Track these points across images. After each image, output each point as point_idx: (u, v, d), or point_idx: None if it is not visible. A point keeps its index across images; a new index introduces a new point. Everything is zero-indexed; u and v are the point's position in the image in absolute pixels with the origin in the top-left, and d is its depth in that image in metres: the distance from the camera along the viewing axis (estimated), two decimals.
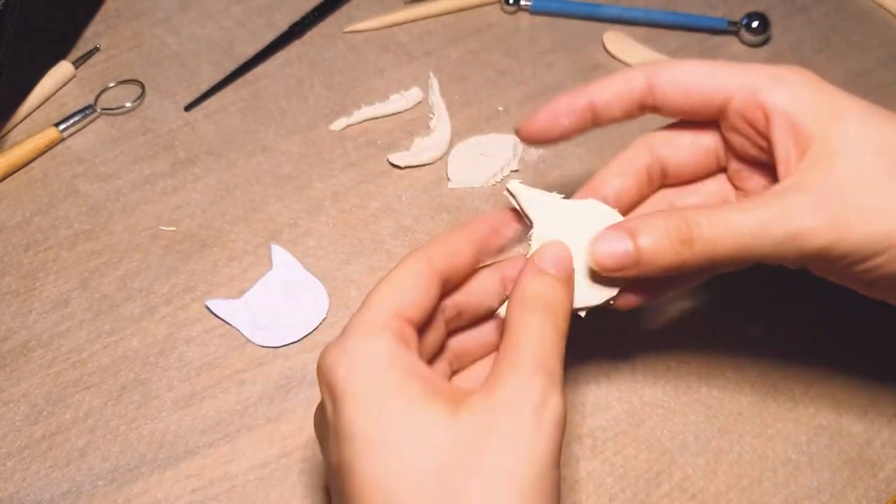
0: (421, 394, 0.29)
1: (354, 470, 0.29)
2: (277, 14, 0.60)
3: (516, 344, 0.31)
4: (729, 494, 0.41)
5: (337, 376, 0.30)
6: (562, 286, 0.33)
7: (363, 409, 0.29)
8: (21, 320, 0.46)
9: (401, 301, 0.32)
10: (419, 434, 0.29)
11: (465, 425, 0.29)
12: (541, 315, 0.32)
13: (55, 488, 0.41)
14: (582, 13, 0.61)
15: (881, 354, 0.46)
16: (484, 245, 0.36)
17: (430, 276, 0.33)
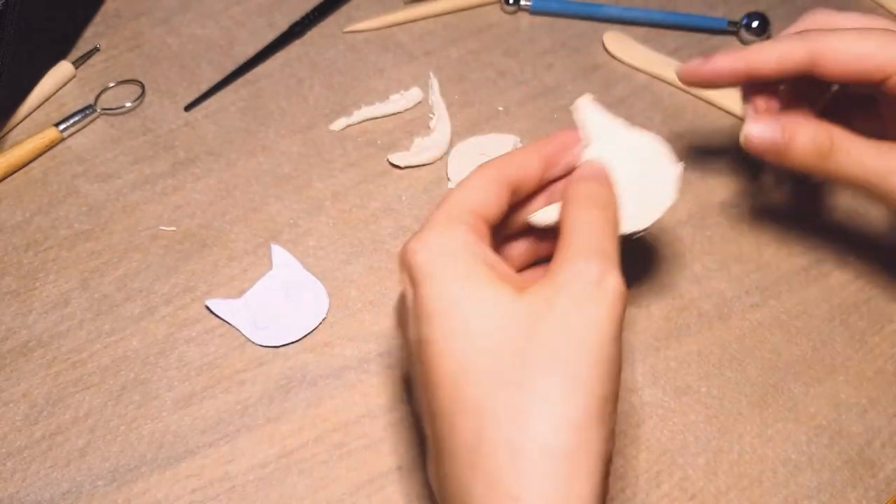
0: (490, 276, 0.32)
1: (431, 343, 0.32)
2: (277, 14, 0.60)
3: (571, 235, 0.34)
4: (729, 494, 0.41)
5: (416, 261, 0.33)
6: (605, 186, 0.37)
7: (439, 289, 0.32)
8: (21, 320, 0.46)
9: (475, 200, 0.34)
10: (488, 309, 0.31)
11: (529, 302, 0.32)
12: (592, 209, 0.35)
13: (55, 488, 0.41)
14: (582, 13, 0.61)
15: (881, 354, 0.46)
16: (553, 159, 0.38)
17: (501, 181, 0.35)
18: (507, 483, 0.29)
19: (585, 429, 0.30)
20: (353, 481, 0.41)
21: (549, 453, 0.29)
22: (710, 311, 0.47)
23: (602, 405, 0.30)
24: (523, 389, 0.30)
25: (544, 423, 0.30)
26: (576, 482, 0.29)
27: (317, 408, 0.43)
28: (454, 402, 0.31)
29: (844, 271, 0.49)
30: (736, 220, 0.51)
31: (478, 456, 0.30)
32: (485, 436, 0.30)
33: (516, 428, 0.30)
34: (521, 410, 0.30)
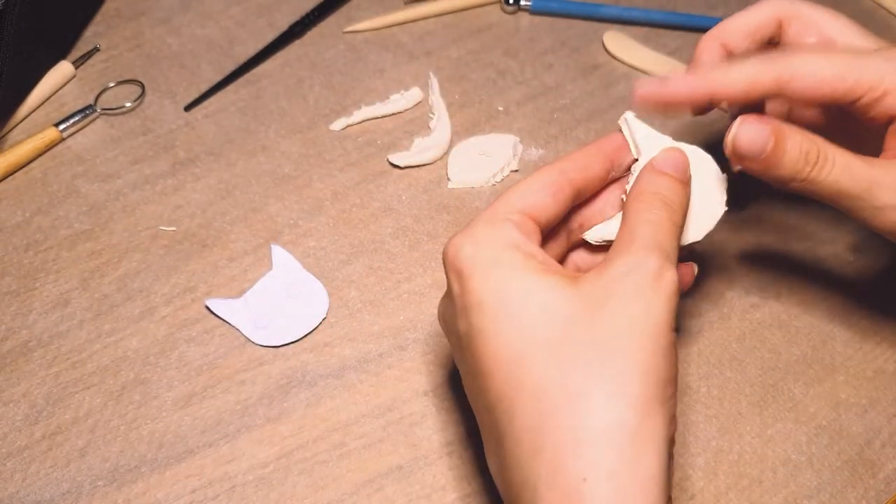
0: (539, 268, 0.33)
1: (484, 333, 0.32)
2: (277, 14, 0.60)
3: (631, 231, 0.34)
4: (729, 494, 0.41)
5: (464, 256, 0.33)
6: (679, 185, 0.36)
7: (489, 280, 0.32)
8: (21, 320, 0.46)
9: (526, 201, 0.35)
10: (541, 297, 0.32)
11: (584, 292, 0.32)
12: (657, 208, 0.34)
13: (55, 488, 0.41)
14: (582, 13, 0.61)
15: (881, 354, 0.46)
16: (615, 158, 0.38)
17: (561, 183, 0.36)
18: (572, 465, 0.30)
19: (648, 409, 0.30)
20: (353, 481, 0.41)
21: (613, 434, 0.30)
22: (710, 311, 0.47)
23: (662, 388, 0.31)
24: (584, 373, 0.30)
25: (607, 404, 0.30)
26: (642, 461, 0.30)
27: (317, 408, 0.43)
28: (513, 389, 0.31)
29: (844, 271, 0.49)
30: (736, 220, 0.51)
31: (541, 439, 0.30)
32: (547, 419, 0.30)
33: (579, 410, 0.30)
34: (582, 393, 0.30)
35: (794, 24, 0.41)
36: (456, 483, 0.41)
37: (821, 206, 0.49)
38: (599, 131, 0.55)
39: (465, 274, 0.33)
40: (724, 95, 0.37)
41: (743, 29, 0.42)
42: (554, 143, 0.54)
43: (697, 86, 0.37)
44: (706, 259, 0.49)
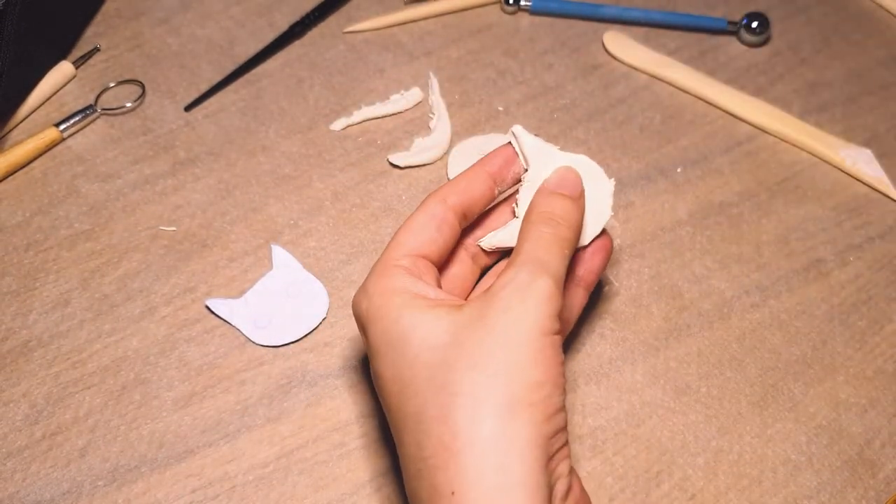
0: (429, 305, 0.34)
1: (379, 375, 0.34)
2: (277, 14, 0.60)
3: (518, 250, 0.35)
4: (728, 494, 0.41)
5: (360, 310, 0.36)
6: (567, 200, 0.37)
7: (380, 328, 0.34)
8: (21, 320, 0.46)
9: (412, 243, 0.37)
10: (426, 332, 0.33)
11: (465, 313, 0.33)
12: (542, 224, 0.36)
13: (55, 488, 0.41)
14: (582, 13, 0.61)
15: (881, 354, 0.46)
16: (498, 175, 0.40)
17: (443, 215, 0.37)
18: (443, 480, 0.31)
19: (510, 415, 0.31)
20: (353, 481, 0.41)
21: (476, 443, 0.30)
22: (710, 311, 0.47)
23: (530, 391, 0.31)
24: (449, 391, 0.31)
25: (471, 415, 0.31)
26: (507, 466, 0.30)
27: (317, 408, 0.43)
28: (400, 420, 0.33)
29: (844, 271, 0.49)
30: (736, 220, 0.51)
31: (419, 462, 0.32)
32: (423, 442, 0.32)
33: (446, 427, 0.31)
34: (448, 411, 0.31)
35: None
36: None
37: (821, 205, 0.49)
38: (599, 131, 0.55)
39: (363, 326, 0.36)
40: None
41: None
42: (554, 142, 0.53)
43: None
44: (706, 259, 0.49)
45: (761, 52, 0.60)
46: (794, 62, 0.59)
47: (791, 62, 0.60)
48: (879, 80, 0.59)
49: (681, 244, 0.49)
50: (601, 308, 0.47)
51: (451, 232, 0.38)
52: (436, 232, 0.37)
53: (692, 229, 0.50)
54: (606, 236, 0.41)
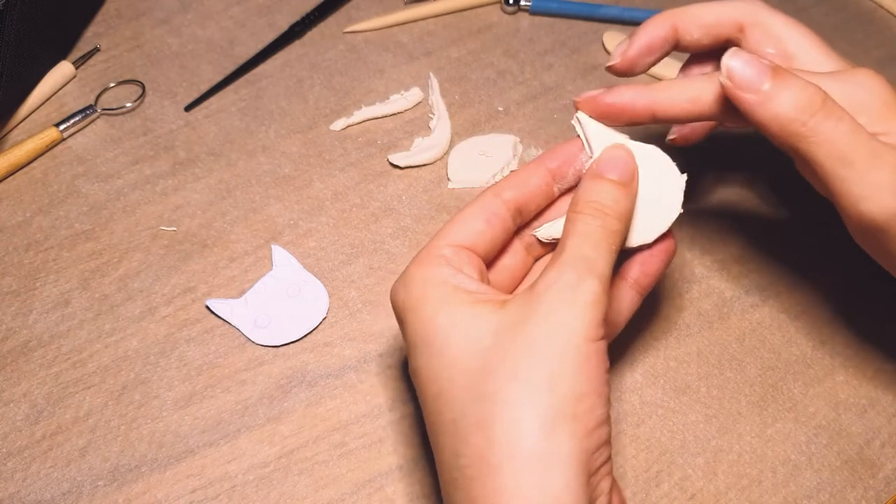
0: (468, 301, 0.33)
1: (418, 372, 0.33)
2: (277, 14, 0.60)
3: (563, 244, 0.34)
4: (728, 494, 0.41)
5: (399, 300, 0.35)
6: (616, 188, 0.35)
7: (419, 320, 0.33)
8: (21, 320, 0.46)
9: (458, 234, 0.35)
10: (466, 330, 0.32)
11: (507, 314, 0.32)
12: (589, 217, 0.34)
13: (55, 488, 0.41)
14: (581, 13, 0.61)
15: (881, 354, 0.46)
16: (557, 172, 0.38)
17: (496, 207, 0.36)
18: (481, 494, 0.30)
19: (552, 429, 0.30)
20: (353, 481, 0.41)
21: (517, 457, 0.29)
22: (710, 311, 0.47)
23: (573, 403, 0.30)
24: (489, 400, 0.30)
25: (508, 429, 0.30)
26: (548, 481, 0.29)
27: (317, 408, 0.43)
28: (437, 424, 0.32)
29: (844, 271, 0.49)
30: (735, 220, 0.51)
31: (456, 471, 0.31)
32: (460, 451, 0.31)
33: (485, 438, 0.30)
34: (487, 421, 0.30)
35: (755, 32, 0.40)
36: None
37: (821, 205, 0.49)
38: None
39: (401, 317, 0.35)
40: (668, 111, 0.37)
41: (700, 19, 0.40)
42: (554, 143, 0.54)
43: (638, 98, 0.37)
44: (706, 259, 0.49)
45: None
46: None
47: None
48: None
49: (681, 244, 0.49)
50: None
51: (501, 226, 0.36)
52: (484, 224, 0.36)
53: (692, 229, 0.50)
54: (671, 237, 0.38)
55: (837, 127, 0.33)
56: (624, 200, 0.35)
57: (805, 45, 0.39)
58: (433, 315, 0.33)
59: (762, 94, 0.33)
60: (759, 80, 0.33)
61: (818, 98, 0.33)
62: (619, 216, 0.34)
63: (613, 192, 0.35)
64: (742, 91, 0.34)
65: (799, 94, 0.33)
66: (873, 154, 0.33)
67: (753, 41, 0.40)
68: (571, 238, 0.33)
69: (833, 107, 0.33)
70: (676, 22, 0.41)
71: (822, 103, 0.33)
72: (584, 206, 0.34)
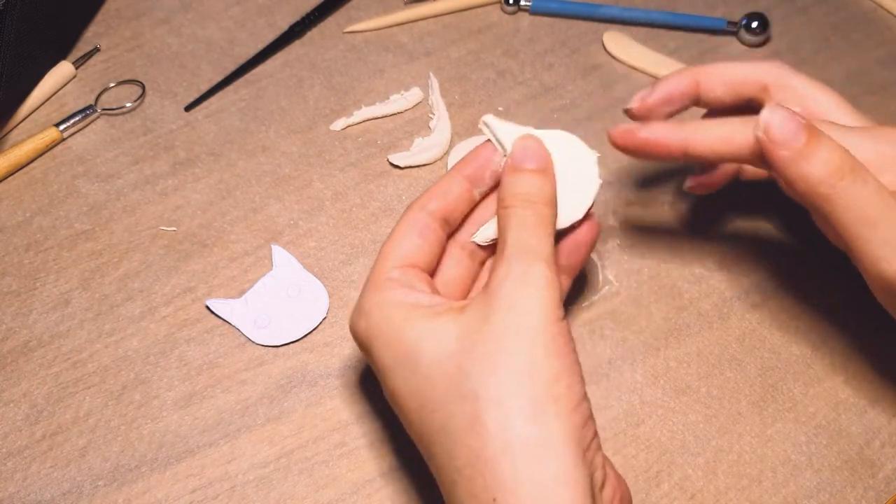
0: (427, 316, 0.34)
1: (395, 393, 0.34)
2: (277, 14, 0.60)
3: (502, 239, 0.35)
4: (728, 494, 0.41)
5: (359, 331, 0.36)
6: (536, 176, 0.36)
7: (386, 344, 0.34)
8: (21, 320, 0.46)
9: (397, 253, 0.36)
10: (432, 342, 0.33)
11: (468, 317, 0.33)
12: (518, 208, 0.35)
13: (55, 488, 0.41)
14: (582, 13, 0.61)
15: (881, 354, 0.46)
16: (474, 177, 0.39)
17: (424, 221, 0.37)
18: (481, 488, 0.30)
19: (539, 414, 0.31)
20: (353, 481, 0.41)
21: (509, 449, 0.30)
22: (710, 311, 0.47)
23: (552, 385, 0.31)
24: (472, 400, 0.31)
25: (496, 422, 0.31)
26: (544, 467, 0.30)
27: (317, 407, 0.43)
28: (426, 435, 0.33)
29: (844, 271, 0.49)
30: (735, 220, 0.51)
31: (454, 473, 0.32)
32: (454, 453, 0.31)
33: (475, 436, 0.31)
34: (476, 419, 0.31)
35: (780, 92, 0.40)
36: None
37: None
38: (599, 131, 0.54)
39: (366, 346, 0.36)
40: (699, 150, 0.37)
41: (725, 76, 0.41)
42: None
43: (673, 135, 0.38)
44: (706, 259, 0.49)
45: (761, 53, 0.60)
46: (794, 62, 0.59)
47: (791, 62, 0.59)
48: (879, 80, 0.59)
49: (681, 244, 0.50)
50: (601, 308, 0.47)
51: (434, 237, 0.37)
52: (419, 238, 0.37)
53: (692, 229, 0.50)
54: (592, 218, 0.40)
55: (863, 190, 0.34)
56: (546, 186, 0.36)
57: (830, 106, 0.40)
58: (399, 336, 0.34)
59: (796, 152, 0.34)
60: (795, 139, 0.34)
61: (848, 162, 0.34)
62: (546, 201, 0.36)
63: (535, 181, 0.36)
64: (776, 147, 0.34)
65: (831, 157, 0.34)
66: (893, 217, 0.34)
67: (778, 100, 0.40)
68: (509, 232, 0.35)
69: (860, 170, 0.34)
70: (700, 78, 0.42)
71: (852, 167, 0.34)
72: (512, 200, 0.36)
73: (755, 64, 0.41)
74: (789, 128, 0.34)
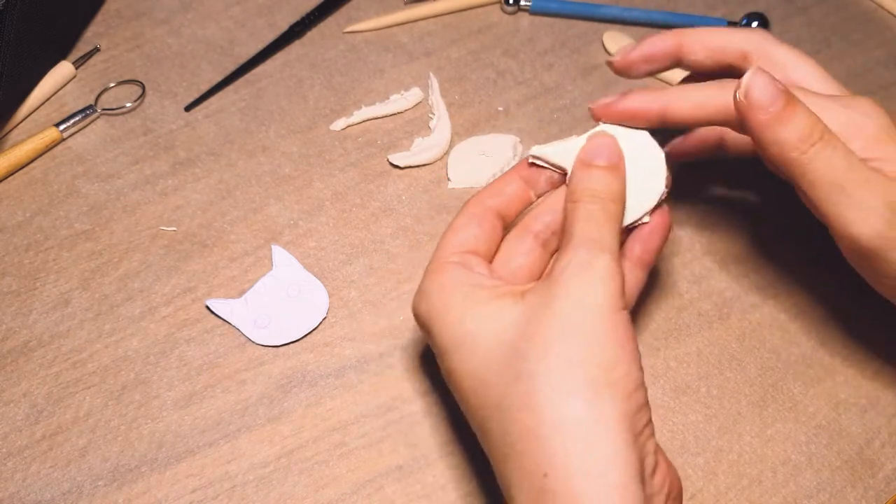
0: (488, 297, 0.35)
1: (454, 373, 0.35)
2: (277, 14, 0.60)
3: (568, 232, 0.35)
4: (728, 494, 0.41)
5: (421, 312, 0.37)
6: (606, 173, 0.37)
7: (446, 325, 0.35)
8: (21, 320, 0.46)
9: (457, 240, 0.38)
10: (491, 324, 0.34)
11: (529, 301, 0.34)
12: (587, 202, 0.36)
13: (56, 488, 0.41)
14: (582, 13, 0.61)
15: (881, 354, 0.46)
16: (529, 179, 0.40)
17: (482, 212, 0.38)
18: (532, 463, 0.31)
19: (594, 396, 0.31)
20: (353, 481, 0.41)
21: (562, 428, 0.31)
22: (710, 311, 0.47)
23: (609, 370, 0.32)
24: (528, 379, 0.32)
25: (550, 402, 0.31)
26: (596, 448, 0.31)
27: (317, 408, 0.43)
28: (481, 410, 0.34)
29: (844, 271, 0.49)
30: (736, 220, 0.51)
31: (507, 448, 0.32)
32: (508, 429, 0.32)
33: (530, 413, 0.31)
34: (530, 398, 0.32)
35: (761, 62, 0.40)
36: (456, 482, 0.41)
37: None
38: None
39: (426, 327, 0.36)
40: (677, 114, 0.38)
41: (707, 42, 0.42)
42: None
43: (651, 102, 0.38)
44: (706, 259, 0.49)
45: None
46: None
47: None
48: (879, 80, 0.59)
49: (681, 244, 0.50)
50: None
51: (491, 227, 0.38)
52: (477, 227, 0.38)
53: (692, 229, 0.50)
54: (664, 212, 0.40)
55: (832, 156, 0.35)
56: (615, 182, 0.37)
57: (809, 74, 0.40)
58: (459, 317, 0.35)
59: (773, 116, 0.35)
60: (773, 104, 0.35)
61: (819, 129, 0.35)
62: (613, 197, 0.36)
63: (604, 177, 0.37)
64: (754, 111, 0.35)
65: (804, 122, 0.35)
66: (864, 180, 0.36)
67: None
68: (576, 224, 0.35)
69: (830, 136, 0.36)
70: (683, 40, 0.42)
71: (822, 134, 0.35)
72: (581, 195, 0.36)
73: (737, 31, 0.42)
74: (768, 92, 0.35)
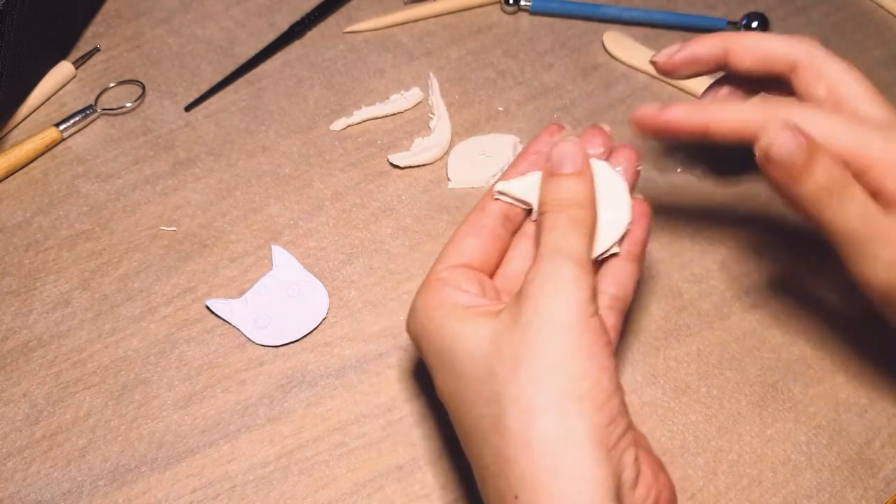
0: (466, 316, 0.34)
1: (440, 391, 0.35)
2: (277, 14, 0.60)
3: (536, 244, 0.35)
4: (728, 494, 0.41)
5: (411, 331, 0.37)
6: (570, 179, 0.36)
7: (430, 344, 0.35)
8: (21, 320, 0.46)
9: (453, 252, 0.38)
10: (466, 344, 0.34)
11: (501, 319, 0.33)
12: (553, 213, 0.36)
13: (55, 488, 0.41)
14: (581, 13, 0.61)
15: (881, 355, 0.46)
16: None
17: (482, 219, 0.38)
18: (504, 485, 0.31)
19: (560, 413, 0.31)
20: (353, 481, 0.41)
21: (530, 449, 0.31)
22: (710, 311, 0.47)
23: (576, 383, 0.31)
24: (497, 401, 0.32)
25: (518, 423, 0.31)
26: (565, 465, 0.30)
27: (317, 408, 0.43)
28: (462, 431, 0.34)
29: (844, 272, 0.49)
30: (736, 221, 0.51)
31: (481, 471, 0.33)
32: (482, 452, 0.33)
33: (498, 436, 0.32)
34: (499, 420, 0.32)
35: (808, 73, 0.40)
36: (456, 482, 0.41)
37: None
38: None
39: (417, 346, 0.37)
40: (719, 132, 0.38)
41: (756, 50, 0.41)
42: None
43: (695, 117, 0.38)
44: (706, 259, 0.49)
45: None
46: None
47: None
48: (879, 80, 0.58)
49: (681, 244, 0.50)
50: None
51: (490, 235, 0.38)
52: (474, 237, 0.38)
53: (692, 229, 0.50)
54: (642, 203, 0.39)
55: (850, 208, 0.35)
56: (579, 187, 0.36)
57: (857, 92, 0.39)
58: (438, 336, 0.35)
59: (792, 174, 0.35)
60: (793, 162, 0.35)
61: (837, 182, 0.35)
62: (578, 204, 0.36)
63: (569, 184, 0.36)
64: (773, 167, 0.35)
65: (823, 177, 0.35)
66: (880, 231, 0.35)
67: (804, 81, 0.40)
68: (542, 235, 0.35)
69: (847, 190, 0.35)
70: (731, 46, 0.41)
71: (841, 188, 0.35)
72: (548, 205, 0.36)
73: (789, 40, 0.40)
74: (787, 150, 0.35)
